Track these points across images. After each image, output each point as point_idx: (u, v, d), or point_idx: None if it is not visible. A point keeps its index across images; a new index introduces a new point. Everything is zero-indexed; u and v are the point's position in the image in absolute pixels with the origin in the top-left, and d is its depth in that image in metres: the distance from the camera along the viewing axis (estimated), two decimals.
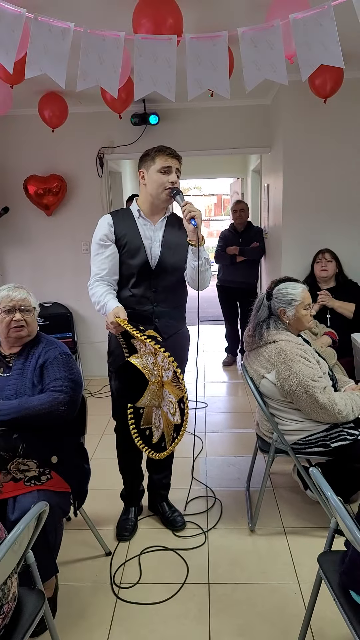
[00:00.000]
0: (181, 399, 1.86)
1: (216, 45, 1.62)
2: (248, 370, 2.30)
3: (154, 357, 1.92)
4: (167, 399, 1.94)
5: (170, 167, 2.06)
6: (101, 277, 2.13)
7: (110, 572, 2.13)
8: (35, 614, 1.41)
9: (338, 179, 3.70)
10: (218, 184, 17.18)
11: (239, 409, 3.96)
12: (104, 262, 2.13)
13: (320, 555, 1.55)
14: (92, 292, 2.13)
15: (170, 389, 1.91)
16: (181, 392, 1.85)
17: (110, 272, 2.15)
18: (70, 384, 1.89)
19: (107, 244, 2.13)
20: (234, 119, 4.24)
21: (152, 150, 2.09)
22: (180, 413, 1.89)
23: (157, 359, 1.92)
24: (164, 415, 1.99)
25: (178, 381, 1.84)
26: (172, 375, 1.87)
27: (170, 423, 1.95)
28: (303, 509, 2.50)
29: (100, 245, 2.14)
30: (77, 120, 4.07)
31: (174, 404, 1.89)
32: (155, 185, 2.08)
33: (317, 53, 1.58)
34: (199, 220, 1.99)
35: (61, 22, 1.62)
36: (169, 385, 1.91)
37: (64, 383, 1.87)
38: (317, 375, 2.11)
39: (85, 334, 4.67)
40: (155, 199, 2.11)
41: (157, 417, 2.05)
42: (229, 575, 2.08)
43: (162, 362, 1.91)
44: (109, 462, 2.62)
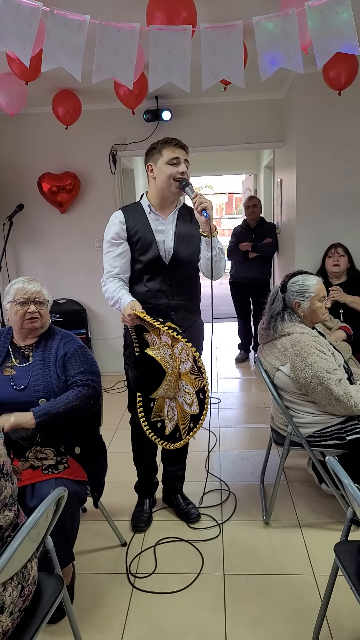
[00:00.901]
0: (201, 389, 1.86)
1: (231, 35, 1.62)
2: (262, 363, 2.30)
3: (170, 349, 1.94)
4: (183, 390, 1.95)
5: (179, 158, 2.05)
6: (113, 274, 2.16)
7: (126, 562, 2.14)
8: (54, 598, 1.43)
9: (351, 172, 3.67)
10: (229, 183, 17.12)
11: (252, 404, 3.96)
12: (115, 260, 2.15)
13: (336, 544, 1.54)
14: (106, 288, 2.15)
15: (188, 379, 1.92)
16: (201, 382, 1.85)
17: (122, 270, 2.16)
18: (94, 377, 1.96)
19: (118, 242, 2.15)
20: (247, 114, 4.23)
21: (157, 143, 2.08)
22: (198, 403, 1.89)
23: (175, 352, 1.93)
24: (179, 406, 2.00)
25: (199, 372, 1.85)
26: (191, 366, 1.88)
27: (187, 413, 1.96)
28: (318, 502, 2.49)
29: (112, 244, 2.16)
30: (90, 117, 4.11)
31: (192, 395, 1.89)
32: (164, 177, 2.07)
33: (333, 41, 1.57)
34: (211, 211, 1.99)
35: (77, 15, 1.63)
36: (186, 376, 1.92)
37: (89, 377, 1.94)
38: (332, 368, 2.10)
39: (99, 331, 4.70)
40: (166, 192, 2.11)
41: (171, 408, 2.06)
42: (244, 566, 2.08)
43: (179, 354, 1.92)
44: (123, 456, 2.64)
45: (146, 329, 2.08)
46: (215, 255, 2.09)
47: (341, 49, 1.59)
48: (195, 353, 1.82)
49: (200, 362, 1.82)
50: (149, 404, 2.14)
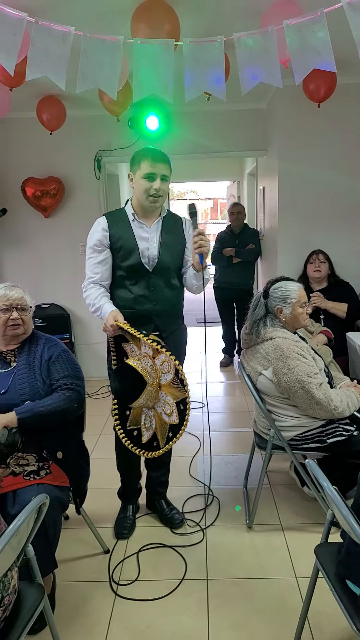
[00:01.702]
0: (182, 400, 1.89)
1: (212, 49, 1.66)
2: (245, 368, 2.33)
3: (151, 360, 1.96)
4: (163, 400, 1.98)
5: (155, 174, 2.05)
6: (94, 280, 2.17)
7: (108, 570, 2.14)
8: (35, 607, 1.43)
9: (332, 181, 3.76)
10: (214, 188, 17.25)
11: (236, 408, 3.99)
12: (97, 266, 2.16)
13: (317, 546, 1.57)
14: (87, 294, 2.17)
15: (169, 390, 1.94)
16: (183, 394, 1.88)
17: (103, 276, 2.18)
18: (78, 381, 1.98)
19: (100, 249, 2.16)
20: (230, 123, 4.29)
21: (138, 154, 2.09)
22: (178, 414, 1.92)
23: (156, 363, 1.96)
24: (158, 416, 2.02)
25: (181, 383, 1.87)
26: (172, 377, 1.90)
27: (165, 423, 1.98)
28: (300, 505, 2.52)
29: (94, 250, 2.17)
30: (75, 123, 4.11)
31: (171, 405, 1.92)
32: (140, 191, 2.09)
33: (310, 58, 1.62)
34: (206, 257, 2.04)
35: (62, 26, 1.65)
36: (167, 387, 1.94)
37: (73, 381, 1.96)
38: (313, 372, 2.14)
39: (83, 335, 4.69)
40: (142, 202, 2.13)
41: (149, 418, 2.08)
42: (227, 571, 2.10)
43: (161, 365, 1.94)
44: (106, 462, 2.64)
45: (126, 338, 2.09)
46: (201, 285, 2.17)
47: (318, 66, 1.63)
48: (179, 366, 1.85)
49: (183, 374, 1.85)
50: (125, 412, 2.16)
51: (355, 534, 1.20)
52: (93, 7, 2.31)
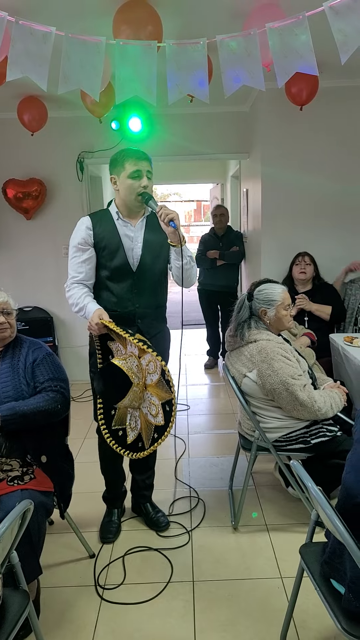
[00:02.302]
0: (168, 401, 1.89)
1: (195, 51, 1.66)
2: (230, 370, 2.34)
3: (137, 360, 1.95)
4: (148, 401, 1.97)
5: (141, 171, 2.06)
6: (78, 280, 2.15)
7: (94, 574, 2.12)
8: (20, 613, 1.41)
9: (314, 184, 3.80)
10: (197, 190, 17.31)
11: (221, 410, 4.00)
12: (81, 265, 2.14)
13: (302, 546, 1.58)
14: (70, 294, 2.14)
15: (154, 391, 1.93)
16: (169, 395, 1.88)
17: (87, 276, 2.16)
18: (63, 383, 1.97)
19: (85, 247, 2.14)
20: (214, 125, 4.31)
21: (119, 156, 2.08)
22: (164, 414, 1.91)
23: (142, 363, 1.95)
24: (143, 416, 2.02)
25: (167, 384, 1.87)
26: (158, 378, 1.90)
27: (151, 424, 1.97)
28: (285, 506, 2.54)
29: (78, 249, 2.14)
30: (57, 124, 4.09)
31: (157, 406, 1.91)
32: (127, 191, 2.08)
33: (293, 61, 1.63)
34: (178, 221, 2.00)
35: (43, 26, 1.64)
36: (153, 387, 1.93)
37: (58, 383, 1.94)
38: (297, 374, 2.15)
39: (66, 338, 4.65)
40: (129, 203, 2.13)
41: (134, 418, 2.07)
42: (213, 572, 2.10)
43: (146, 366, 1.93)
44: (91, 466, 2.62)
45: (111, 337, 2.08)
46: (185, 263, 2.12)
47: (300, 69, 1.65)
48: (165, 367, 1.84)
49: (169, 375, 1.85)
50: (110, 411, 2.14)
51: (340, 534, 1.21)
52: (74, 7, 2.29)
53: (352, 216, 3.83)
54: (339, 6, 1.59)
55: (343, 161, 3.77)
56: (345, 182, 3.78)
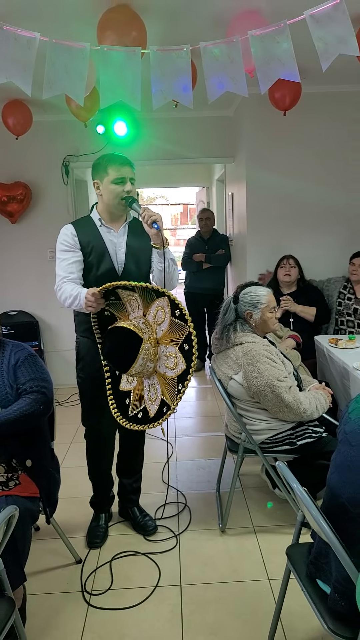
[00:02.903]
0: (186, 338, 1.78)
1: (179, 58, 1.68)
2: (216, 372, 2.35)
3: (144, 318, 1.89)
4: (164, 355, 1.88)
5: (125, 178, 2.06)
6: (69, 279, 2.09)
7: (81, 580, 2.11)
8: (5, 622, 1.40)
9: (298, 187, 3.84)
10: (184, 194, 17.33)
11: (208, 413, 4.01)
12: (71, 266, 2.10)
13: (288, 547, 1.59)
14: (62, 291, 2.06)
15: (167, 339, 1.85)
16: (184, 331, 1.78)
17: (78, 277, 2.12)
18: (44, 383, 1.93)
19: (72, 249, 2.12)
20: (199, 129, 4.34)
21: (102, 160, 2.09)
22: (184, 357, 1.81)
23: (148, 319, 1.88)
24: (161, 377, 1.92)
25: (181, 318, 1.78)
26: (170, 321, 1.81)
27: (172, 379, 1.87)
28: (272, 507, 2.55)
29: (66, 252, 2.12)
30: (42, 128, 4.08)
31: (174, 355, 1.82)
32: (111, 196, 2.08)
33: (275, 68, 1.66)
34: (161, 223, 2.00)
35: (26, 32, 1.64)
36: (165, 337, 1.86)
37: (39, 383, 1.91)
38: (282, 376, 2.17)
39: (52, 343, 4.63)
40: (113, 208, 2.13)
41: (153, 388, 1.96)
42: (201, 575, 2.10)
43: (154, 318, 1.85)
44: (78, 470, 2.61)
45: (110, 321, 2.01)
46: (167, 266, 2.13)
47: (282, 76, 1.68)
48: (174, 297, 1.77)
49: (181, 305, 1.76)
50: (125, 400, 2.05)
51: (325, 534, 1.22)
52: (59, 12, 2.30)
53: (334, 219, 3.89)
54: (319, 15, 1.62)
55: (326, 165, 3.82)
56: (328, 185, 3.84)
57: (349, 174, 3.84)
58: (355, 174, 3.84)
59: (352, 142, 3.80)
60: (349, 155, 3.81)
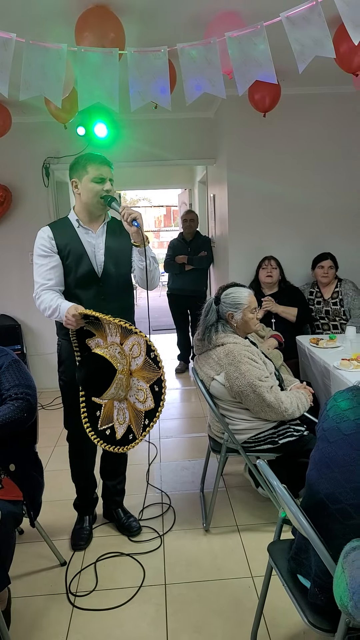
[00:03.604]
0: (157, 381, 1.84)
1: (157, 59, 1.69)
2: (198, 373, 2.36)
3: (120, 347, 1.91)
4: (135, 387, 1.92)
5: (104, 178, 2.05)
6: (48, 286, 2.09)
7: (65, 582, 2.10)
8: None
9: (279, 189, 3.88)
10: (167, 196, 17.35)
11: (192, 414, 4.02)
12: (49, 272, 2.09)
13: (270, 544, 1.61)
14: (40, 300, 2.07)
15: (141, 375, 1.89)
16: (157, 374, 1.83)
17: (57, 282, 2.11)
18: (28, 390, 1.92)
19: (50, 254, 2.10)
20: (179, 131, 4.35)
21: (82, 159, 2.07)
22: (153, 396, 1.87)
23: (125, 349, 1.91)
24: (131, 406, 1.96)
25: (154, 363, 1.82)
26: (144, 360, 1.85)
27: (140, 412, 1.92)
28: (255, 506, 2.57)
29: (43, 257, 2.10)
30: (21, 129, 4.05)
31: (145, 390, 1.87)
32: (90, 194, 2.07)
33: (252, 69, 1.68)
34: (140, 220, 2.00)
35: (3, 33, 1.63)
36: (138, 372, 1.89)
37: (23, 390, 1.90)
38: (264, 375, 2.20)
39: (34, 346, 4.59)
40: (91, 207, 2.12)
41: (122, 412, 2.01)
42: (185, 575, 2.11)
43: (130, 350, 1.89)
44: (61, 474, 2.60)
45: (89, 334, 2.05)
46: (149, 264, 2.13)
47: (260, 77, 1.70)
48: (150, 342, 1.80)
49: (156, 351, 1.80)
50: (95, 412, 2.09)
51: (304, 530, 1.24)
52: (36, 13, 2.29)
53: (313, 220, 3.94)
54: (295, 17, 1.64)
55: (305, 167, 3.87)
56: (307, 187, 3.89)
57: (329, 175, 3.89)
58: (335, 175, 3.89)
59: (332, 144, 3.85)
60: (329, 156, 3.86)
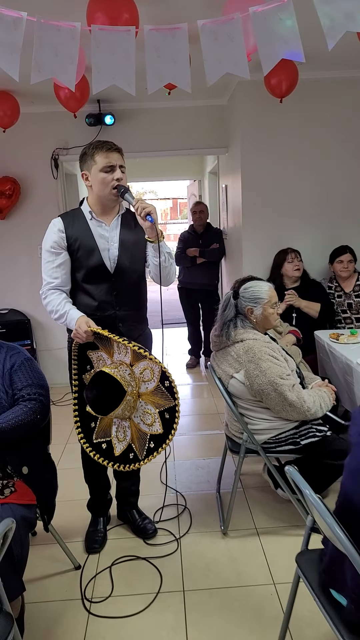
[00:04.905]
0: (169, 409, 1.82)
1: (175, 37, 1.58)
2: (216, 371, 2.27)
3: (129, 368, 1.86)
4: (142, 410, 1.89)
5: (114, 165, 1.96)
6: (54, 286, 2.05)
7: (80, 587, 2.03)
8: (4, 638, 1.31)
9: (296, 178, 3.75)
10: (173, 188, 17.20)
11: (204, 411, 3.93)
12: (55, 270, 2.04)
13: (298, 555, 1.52)
14: (47, 301, 2.04)
15: (150, 399, 1.85)
16: (169, 402, 1.81)
17: (63, 281, 2.05)
18: (41, 390, 1.86)
19: (58, 251, 2.03)
20: (191, 119, 4.23)
21: (89, 148, 1.98)
22: (162, 422, 1.84)
23: (135, 371, 1.86)
24: (135, 426, 1.93)
25: (168, 392, 1.80)
26: (155, 385, 1.82)
27: (145, 433, 1.90)
28: (274, 508, 2.49)
29: (51, 253, 2.04)
30: (29, 120, 3.96)
31: (153, 415, 1.84)
32: (101, 186, 1.98)
33: (278, 47, 1.57)
34: (155, 215, 1.91)
35: (13, 11, 1.53)
36: (148, 396, 1.85)
37: (36, 390, 1.84)
38: (285, 373, 2.10)
39: (44, 341, 4.52)
40: (104, 200, 2.03)
41: (122, 429, 1.98)
42: (204, 581, 2.03)
43: (141, 374, 1.86)
44: (74, 472, 2.52)
45: (93, 345, 1.98)
46: (164, 260, 2.04)
47: (286, 56, 1.59)
48: (165, 369, 1.77)
49: (173, 381, 1.78)
50: (90, 423, 2.05)
51: (341, 543, 1.15)
52: None
53: (333, 210, 3.80)
54: None
55: (323, 154, 3.73)
56: (326, 175, 3.75)
57: (347, 165, 3.75)
58: (355, 164, 3.75)
59: (351, 131, 3.70)
60: (348, 144, 3.72)
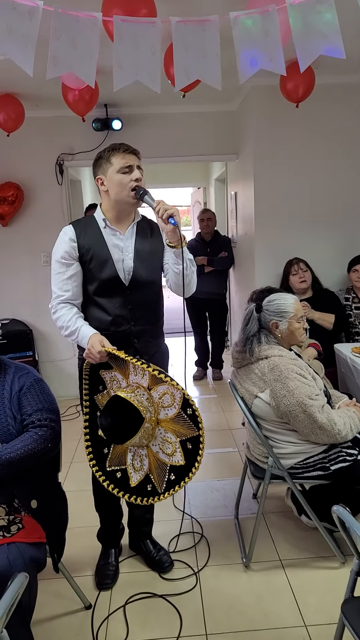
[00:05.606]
0: (191, 439, 1.67)
1: (205, 30, 1.44)
2: (238, 389, 2.12)
3: (147, 392, 1.71)
4: (160, 438, 1.73)
5: (131, 165, 1.84)
6: (65, 299, 1.90)
7: (92, 629, 1.86)
8: None
9: (310, 185, 3.62)
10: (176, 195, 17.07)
11: (215, 426, 3.76)
12: (66, 283, 1.90)
13: (343, 603, 1.36)
14: (57, 316, 1.89)
15: (169, 427, 1.70)
16: (192, 432, 1.66)
17: (74, 294, 1.91)
18: (52, 415, 1.71)
19: (69, 262, 1.89)
20: (199, 125, 4.11)
21: (105, 152, 1.87)
22: (183, 453, 1.69)
23: (153, 395, 1.71)
24: (153, 455, 1.77)
25: (193, 419, 1.65)
26: (176, 412, 1.67)
27: (164, 463, 1.74)
28: (298, 536, 2.32)
29: (62, 264, 1.89)
30: (34, 124, 3.83)
31: (173, 444, 1.68)
32: (118, 188, 1.85)
33: (316, 42, 1.43)
34: (178, 217, 1.78)
35: (28, 0, 1.39)
36: (167, 423, 1.70)
37: (47, 415, 1.69)
38: (314, 393, 1.95)
39: (47, 352, 4.35)
40: (122, 204, 1.89)
41: (138, 457, 1.82)
42: (228, 622, 1.86)
43: (160, 398, 1.70)
44: (81, 495, 2.34)
45: (105, 365, 1.83)
46: (186, 267, 1.90)
47: (324, 51, 1.45)
48: (189, 396, 1.62)
49: (197, 409, 1.62)
50: (102, 449, 1.89)
51: None
52: None
53: (349, 218, 3.67)
54: None
55: (339, 161, 3.60)
56: (341, 182, 3.62)
57: None
58: None
59: None
60: None
